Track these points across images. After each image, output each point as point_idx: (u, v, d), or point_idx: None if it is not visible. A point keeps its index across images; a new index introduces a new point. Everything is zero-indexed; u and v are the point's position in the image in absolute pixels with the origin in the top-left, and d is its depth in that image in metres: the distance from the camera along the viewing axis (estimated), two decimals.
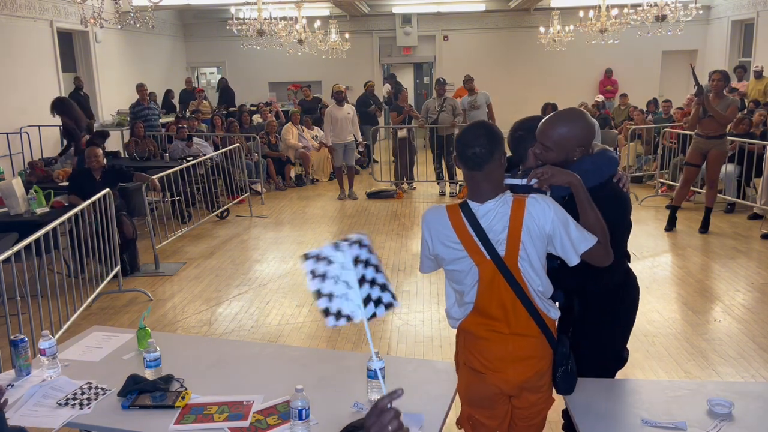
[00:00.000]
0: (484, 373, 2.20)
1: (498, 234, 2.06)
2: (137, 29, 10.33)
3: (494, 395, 2.23)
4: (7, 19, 9.20)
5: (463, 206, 2.11)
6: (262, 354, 2.93)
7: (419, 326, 4.79)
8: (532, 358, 2.18)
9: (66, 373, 2.60)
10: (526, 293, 2.10)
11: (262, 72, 15.55)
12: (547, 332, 2.18)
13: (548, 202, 2.08)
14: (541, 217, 2.05)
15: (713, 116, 6.52)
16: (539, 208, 2.05)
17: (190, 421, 2.26)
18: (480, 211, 2.09)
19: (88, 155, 6.24)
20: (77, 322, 4.83)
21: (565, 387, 2.29)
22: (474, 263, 2.09)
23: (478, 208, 2.09)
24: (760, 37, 12.35)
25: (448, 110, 9.42)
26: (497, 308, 2.13)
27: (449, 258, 2.15)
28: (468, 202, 2.11)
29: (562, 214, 2.08)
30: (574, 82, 14.52)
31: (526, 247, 2.07)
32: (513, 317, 2.13)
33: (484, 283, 2.11)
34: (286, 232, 7.77)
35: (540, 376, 2.21)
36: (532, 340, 2.16)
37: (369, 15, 15.16)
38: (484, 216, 2.08)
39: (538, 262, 2.11)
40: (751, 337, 4.42)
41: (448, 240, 2.12)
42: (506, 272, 2.07)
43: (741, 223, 7.39)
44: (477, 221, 2.07)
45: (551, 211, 2.06)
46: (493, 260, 2.07)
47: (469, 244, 2.08)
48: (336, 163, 9.60)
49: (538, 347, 2.18)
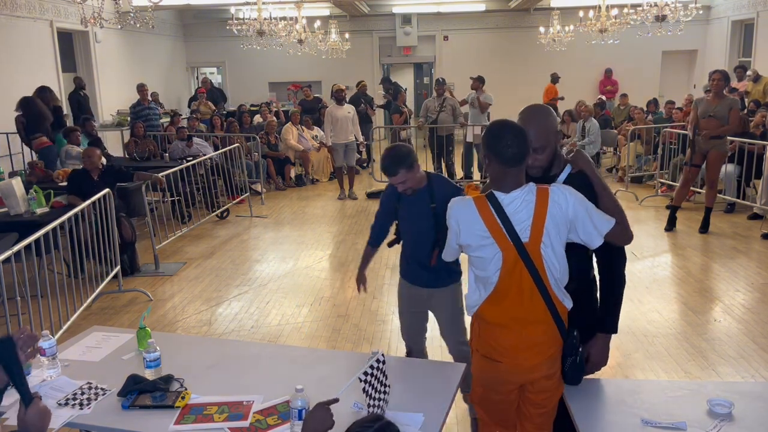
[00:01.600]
0: (498, 360, 2.29)
1: (523, 221, 2.17)
2: (137, 29, 10.32)
3: (506, 382, 2.32)
4: (7, 19, 9.20)
5: (489, 197, 2.22)
6: (262, 354, 2.93)
7: None
8: (543, 344, 2.26)
9: (66, 373, 2.60)
10: (544, 280, 2.20)
11: (262, 72, 15.54)
12: (559, 321, 2.26)
13: (570, 190, 2.21)
14: (563, 203, 2.18)
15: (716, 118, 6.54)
16: (562, 196, 2.19)
17: (190, 421, 2.26)
18: (506, 201, 2.20)
19: (84, 155, 6.24)
20: (77, 322, 4.83)
21: (573, 377, 2.35)
22: (499, 249, 2.19)
23: (503, 198, 2.20)
24: (760, 37, 12.34)
25: (447, 110, 9.43)
26: (516, 294, 2.22)
27: (476, 245, 2.24)
28: (494, 193, 2.22)
29: (582, 199, 2.21)
30: (574, 82, 14.51)
31: (549, 234, 2.18)
32: (529, 303, 2.22)
33: (507, 269, 2.20)
34: (286, 232, 7.77)
35: (551, 363, 2.28)
36: (545, 326, 2.25)
37: (369, 15, 15.15)
38: (510, 204, 2.19)
39: (560, 248, 2.22)
40: (751, 337, 4.42)
41: (477, 229, 2.22)
42: (527, 258, 2.18)
43: (741, 223, 7.39)
44: (503, 210, 2.18)
45: (573, 198, 2.19)
46: (515, 246, 2.17)
47: (496, 232, 2.19)
48: (336, 163, 9.60)
49: (549, 334, 2.26)
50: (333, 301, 5.35)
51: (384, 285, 5.68)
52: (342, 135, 9.30)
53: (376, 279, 5.82)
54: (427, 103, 9.76)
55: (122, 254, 5.93)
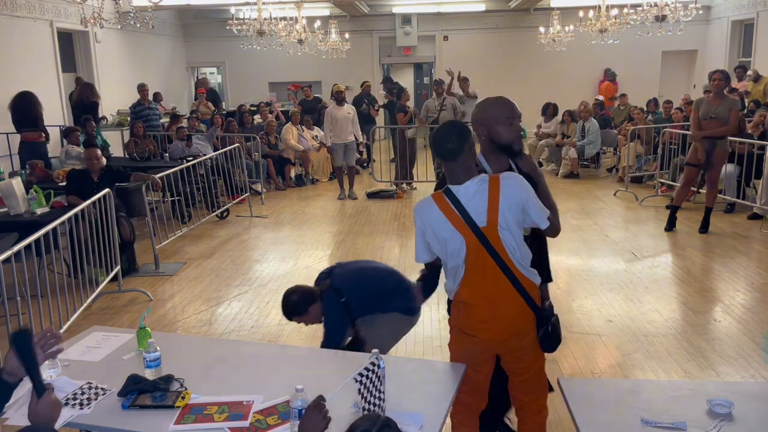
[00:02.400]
0: (474, 335, 2.51)
1: (478, 208, 2.38)
2: (137, 29, 10.33)
3: (482, 353, 2.56)
4: (7, 19, 9.20)
5: (445, 191, 2.44)
6: (262, 354, 2.93)
7: (419, 326, 4.77)
8: (513, 318, 2.47)
9: (66, 373, 2.60)
10: (506, 260, 2.41)
11: (262, 72, 15.54)
12: (527, 296, 2.46)
13: (517, 176, 2.48)
14: (515, 188, 2.40)
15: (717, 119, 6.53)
16: (512, 181, 2.42)
17: (190, 421, 2.26)
18: (460, 191, 2.41)
19: (86, 156, 6.24)
20: (77, 322, 4.82)
21: (546, 346, 2.57)
22: (461, 236, 2.40)
23: (458, 190, 2.42)
24: (760, 37, 12.34)
25: (448, 109, 9.42)
26: (481, 275, 2.43)
27: (441, 238, 2.45)
28: (449, 187, 2.44)
29: (527, 185, 2.46)
30: (574, 82, 14.51)
31: (506, 216, 2.38)
32: (494, 282, 2.43)
33: (470, 253, 2.41)
34: (286, 232, 7.77)
35: (522, 336, 2.51)
36: (513, 302, 2.45)
37: (369, 15, 15.15)
38: (464, 194, 2.40)
39: (516, 230, 2.42)
40: (751, 337, 4.42)
41: (438, 222, 2.43)
42: (486, 242, 2.38)
43: (741, 223, 7.39)
44: (458, 200, 2.40)
45: (521, 182, 2.45)
46: (474, 232, 2.38)
47: (455, 221, 2.40)
48: (336, 163, 9.60)
49: (518, 308, 2.46)
50: None
51: None
52: (342, 135, 9.31)
53: None
54: (428, 104, 9.77)
55: (121, 254, 5.93)
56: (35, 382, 1.78)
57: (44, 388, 1.79)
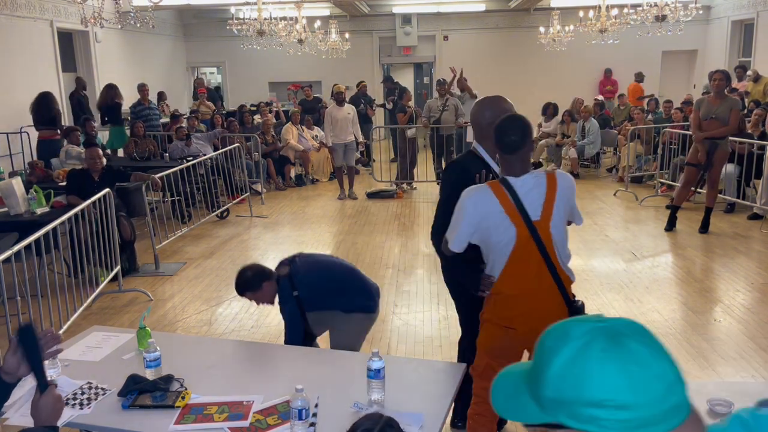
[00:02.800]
0: (512, 327, 2.53)
1: (535, 202, 2.44)
2: (137, 29, 10.33)
3: (517, 346, 2.59)
4: (7, 19, 9.20)
5: (502, 181, 2.48)
6: (262, 354, 2.93)
7: (419, 326, 4.79)
8: (551, 312, 2.42)
9: (66, 373, 2.60)
10: (551, 255, 2.47)
11: (262, 72, 15.54)
12: (564, 292, 2.52)
13: (568, 176, 2.59)
14: (568, 188, 2.52)
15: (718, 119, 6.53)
16: (566, 181, 2.52)
17: (190, 421, 2.26)
18: (517, 184, 2.46)
19: (87, 156, 6.24)
20: (77, 322, 4.83)
21: None
22: (514, 226, 2.44)
23: (514, 182, 2.46)
24: (760, 37, 12.34)
25: (450, 110, 9.41)
26: (526, 267, 2.47)
27: (493, 225, 2.46)
28: (506, 178, 2.48)
29: (575, 185, 2.59)
30: (574, 82, 14.51)
31: (558, 213, 2.47)
32: (538, 275, 2.48)
33: (519, 245, 2.45)
34: (286, 232, 7.77)
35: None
36: (552, 296, 2.51)
37: (369, 15, 15.15)
38: (521, 187, 2.45)
39: (563, 227, 2.52)
40: (751, 337, 4.42)
41: (494, 210, 2.45)
42: (536, 235, 2.44)
43: (741, 223, 7.39)
44: (515, 191, 2.44)
45: (572, 182, 2.56)
46: (526, 224, 2.43)
47: (511, 211, 2.44)
48: (336, 163, 9.60)
49: (555, 302, 2.52)
50: None
51: (384, 285, 5.68)
52: (342, 135, 9.31)
53: (376, 279, 5.80)
54: (430, 104, 9.75)
55: (122, 254, 5.93)
56: (39, 377, 1.78)
57: (47, 384, 1.80)
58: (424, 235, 7.33)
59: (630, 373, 0.90)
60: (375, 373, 2.30)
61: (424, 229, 7.60)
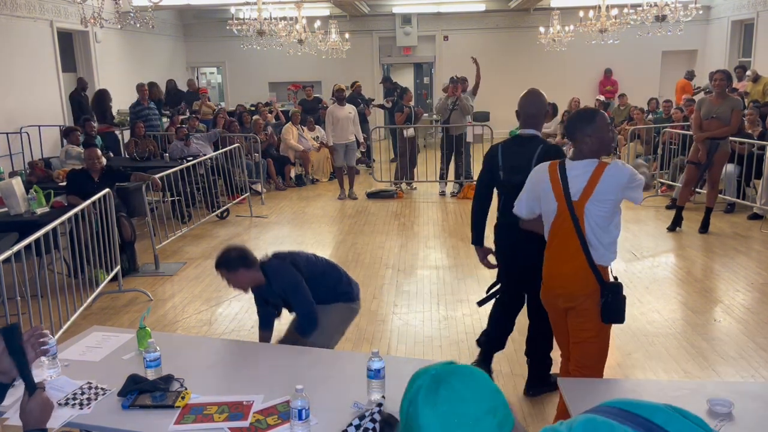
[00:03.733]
0: (545, 283, 3.00)
1: (578, 185, 2.78)
2: (137, 29, 10.33)
3: (547, 301, 3.03)
4: (7, 19, 9.20)
5: (560, 163, 2.88)
6: (262, 354, 2.93)
7: (419, 326, 4.79)
8: (572, 280, 2.84)
9: (66, 373, 2.60)
10: (583, 230, 2.79)
11: (262, 72, 15.55)
12: (595, 269, 2.80)
13: (622, 167, 2.79)
14: (616, 175, 2.76)
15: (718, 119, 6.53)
16: (616, 170, 2.77)
17: (190, 421, 2.26)
18: (569, 166, 2.84)
19: (87, 156, 6.24)
20: (77, 322, 4.82)
21: (605, 316, 2.83)
22: (556, 203, 2.85)
23: (570, 165, 2.84)
24: (760, 37, 12.34)
25: (459, 110, 9.34)
26: (560, 236, 2.86)
27: (543, 196, 2.92)
28: (564, 161, 2.89)
29: (630, 169, 2.82)
30: (574, 82, 14.51)
31: (598, 197, 2.75)
32: (566, 246, 2.84)
33: (557, 218, 2.86)
34: (286, 232, 7.77)
35: (584, 299, 2.83)
36: (577, 267, 2.82)
37: (369, 15, 15.16)
38: (571, 170, 2.82)
39: (604, 209, 2.77)
40: (751, 337, 4.42)
41: (545, 186, 2.89)
42: (572, 212, 2.80)
43: (741, 223, 7.39)
44: (565, 173, 2.83)
45: (623, 168, 2.79)
46: (566, 201, 2.80)
47: (557, 189, 2.84)
48: (336, 163, 9.60)
49: (580, 274, 2.82)
50: None
51: (384, 285, 5.68)
52: (343, 135, 9.30)
53: (376, 279, 5.83)
54: (441, 103, 9.66)
55: (121, 254, 5.93)
56: (26, 379, 1.76)
57: (35, 386, 1.77)
58: (425, 235, 7.34)
59: (444, 414, 1.04)
60: (375, 373, 2.30)
61: (424, 230, 7.61)
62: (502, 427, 1.07)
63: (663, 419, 1.11)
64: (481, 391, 1.09)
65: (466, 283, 5.65)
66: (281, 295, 3.33)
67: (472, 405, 1.06)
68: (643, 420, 1.11)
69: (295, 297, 3.28)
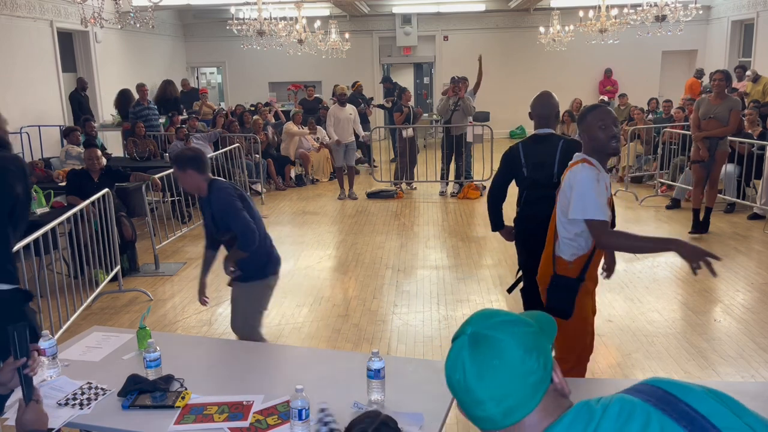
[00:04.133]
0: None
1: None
2: (137, 29, 10.32)
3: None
4: (7, 19, 9.20)
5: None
6: (262, 354, 2.93)
7: (419, 326, 4.79)
8: (543, 266, 3.01)
9: (66, 373, 2.60)
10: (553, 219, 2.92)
11: (262, 72, 15.55)
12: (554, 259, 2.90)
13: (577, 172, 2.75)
14: (567, 180, 2.80)
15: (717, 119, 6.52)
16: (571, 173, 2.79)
17: (190, 421, 2.26)
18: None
19: (87, 156, 6.24)
20: (77, 322, 4.83)
21: (548, 307, 2.91)
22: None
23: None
24: (760, 37, 12.34)
25: (460, 111, 9.32)
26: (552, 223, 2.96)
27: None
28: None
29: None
30: (574, 82, 14.52)
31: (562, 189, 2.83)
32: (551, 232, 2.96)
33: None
34: (286, 232, 7.77)
35: (544, 287, 2.99)
36: (548, 254, 2.97)
37: (369, 15, 15.16)
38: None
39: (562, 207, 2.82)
40: (751, 337, 4.42)
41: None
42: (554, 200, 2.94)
43: (741, 223, 7.39)
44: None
45: (575, 178, 2.75)
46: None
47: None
48: (336, 163, 9.60)
49: (546, 260, 2.98)
50: (333, 301, 5.36)
51: (384, 285, 5.68)
52: (343, 135, 9.31)
53: (376, 279, 5.83)
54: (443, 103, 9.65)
55: (122, 254, 5.93)
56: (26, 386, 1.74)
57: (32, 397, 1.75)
58: (425, 236, 7.34)
59: (492, 368, 1.08)
60: (375, 373, 2.30)
61: (424, 230, 7.61)
62: (546, 368, 1.12)
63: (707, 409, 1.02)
64: (518, 336, 1.12)
65: (466, 283, 5.65)
66: (217, 214, 3.52)
67: (514, 350, 1.10)
68: (687, 408, 1.02)
69: (235, 220, 3.46)
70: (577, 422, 1.06)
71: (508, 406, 1.08)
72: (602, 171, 2.84)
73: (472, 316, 1.18)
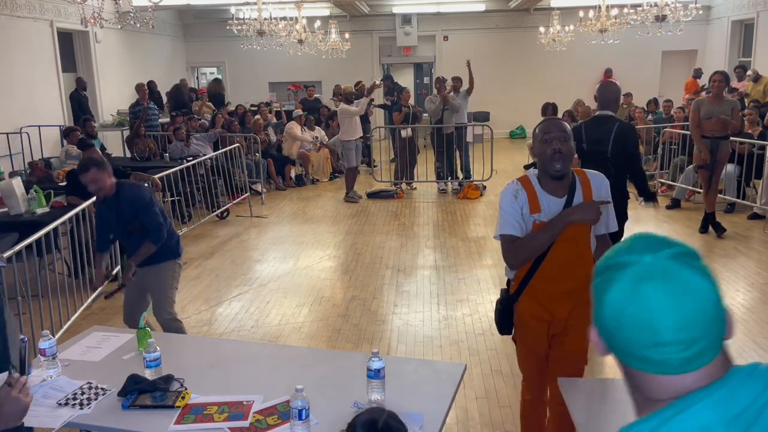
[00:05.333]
0: None
1: None
2: (137, 29, 10.32)
3: None
4: (7, 19, 9.20)
5: None
6: (262, 354, 2.93)
7: (419, 326, 4.79)
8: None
9: (66, 373, 2.60)
10: None
11: (262, 72, 15.54)
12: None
13: (505, 192, 2.60)
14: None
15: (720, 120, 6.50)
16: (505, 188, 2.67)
17: (190, 421, 2.26)
18: None
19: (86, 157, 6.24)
20: (77, 322, 4.83)
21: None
22: None
23: None
24: (760, 37, 12.34)
25: (450, 109, 9.35)
26: None
27: None
28: None
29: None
30: (574, 82, 14.51)
31: None
32: None
33: None
34: (286, 232, 7.77)
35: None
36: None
37: (369, 15, 15.15)
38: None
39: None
40: (751, 337, 4.42)
41: None
42: None
43: (741, 223, 7.39)
44: None
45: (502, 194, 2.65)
46: None
47: None
48: (350, 163, 9.32)
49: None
50: (333, 301, 5.36)
51: (384, 285, 5.68)
52: (356, 133, 9.27)
53: (376, 279, 5.83)
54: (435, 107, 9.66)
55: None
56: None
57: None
58: (424, 235, 7.34)
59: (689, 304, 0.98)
60: (375, 373, 2.30)
61: (424, 230, 7.61)
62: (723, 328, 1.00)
63: None
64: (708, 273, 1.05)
65: (466, 283, 5.65)
66: (130, 211, 3.69)
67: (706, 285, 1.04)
68: None
69: (147, 215, 3.69)
70: (753, 380, 0.94)
71: (698, 349, 0.95)
72: (542, 192, 2.51)
73: (635, 242, 1.02)
